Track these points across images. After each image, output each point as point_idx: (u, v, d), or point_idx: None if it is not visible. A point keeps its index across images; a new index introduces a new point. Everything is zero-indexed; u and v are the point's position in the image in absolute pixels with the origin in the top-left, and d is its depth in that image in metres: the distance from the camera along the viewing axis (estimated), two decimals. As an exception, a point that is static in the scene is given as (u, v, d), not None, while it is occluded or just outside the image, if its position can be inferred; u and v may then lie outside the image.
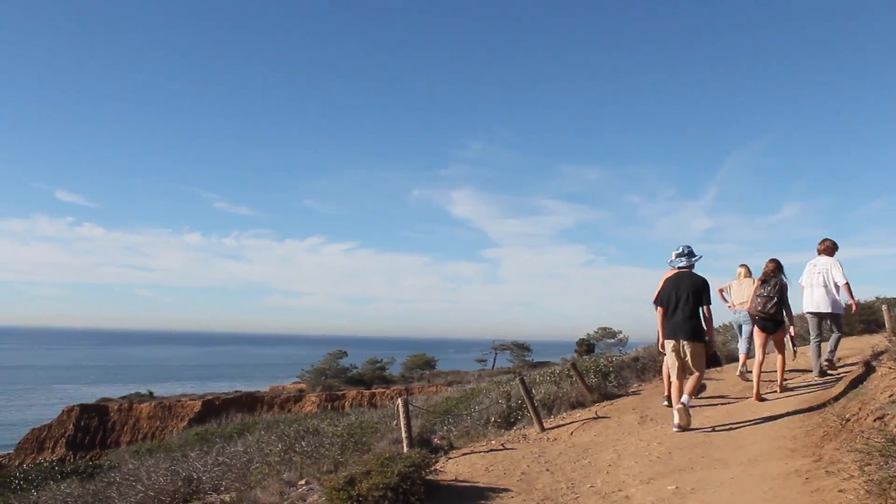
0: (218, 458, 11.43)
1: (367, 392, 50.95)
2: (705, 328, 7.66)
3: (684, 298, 7.57)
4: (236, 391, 56.22)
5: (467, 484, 7.02)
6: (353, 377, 55.88)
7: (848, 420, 5.95)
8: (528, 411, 9.87)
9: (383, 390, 50.92)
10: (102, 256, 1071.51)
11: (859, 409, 5.97)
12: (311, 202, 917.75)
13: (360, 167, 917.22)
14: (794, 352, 10.03)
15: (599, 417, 9.66)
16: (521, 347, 60.16)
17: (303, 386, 55.81)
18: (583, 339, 52.85)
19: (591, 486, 6.38)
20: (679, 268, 7.93)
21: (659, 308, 7.87)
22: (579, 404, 10.72)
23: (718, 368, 10.47)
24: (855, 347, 11.68)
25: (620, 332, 51.89)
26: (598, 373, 12.14)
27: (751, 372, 9.25)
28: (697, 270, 8.04)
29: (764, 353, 8.89)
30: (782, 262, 9.05)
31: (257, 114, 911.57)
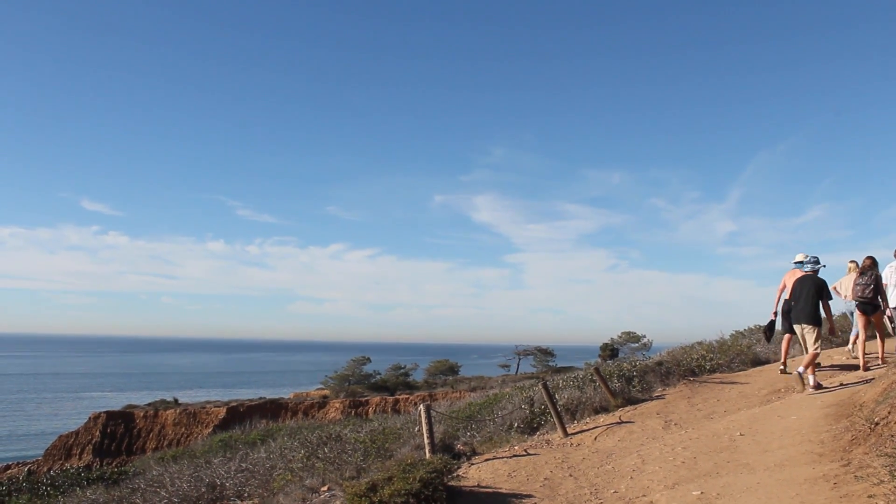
0: (241, 465, 11.51)
1: (390, 398, 51.02)
2: (823, 317, 9.99)
3: (805, 294, 9.89)
4: (261, 398, 56.50)
5: (490, 490, 7.00)
6: (376, 383, 56.03)
7: (877, 424, 5.82)
8: (551, 416, 9.83)
9: (407, 396, 50.98)
10: (127, 265, 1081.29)
11: (889, 412, 5.85)
12: (334, 209, 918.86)
13: (382, 174, 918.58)
14: (894, 328, 11.19)
15: (623, 422, 9.59)
16: (545, 352, 60.06)
17: (327, 392, 56.00)
18: (606, 343, 52.66)
19: (615, 492, 6.33)
20: (805, 271, 10.30)
21: (793, 302, 10.30)
22: (603, 409, 10.65)
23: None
24: (887, 349, 11.51)
25: (644, 336, 51.67)
26: (622, 377, 12.04)
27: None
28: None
29: (866, 333, 10.60)
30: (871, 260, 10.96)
31: (280, 121, 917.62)
